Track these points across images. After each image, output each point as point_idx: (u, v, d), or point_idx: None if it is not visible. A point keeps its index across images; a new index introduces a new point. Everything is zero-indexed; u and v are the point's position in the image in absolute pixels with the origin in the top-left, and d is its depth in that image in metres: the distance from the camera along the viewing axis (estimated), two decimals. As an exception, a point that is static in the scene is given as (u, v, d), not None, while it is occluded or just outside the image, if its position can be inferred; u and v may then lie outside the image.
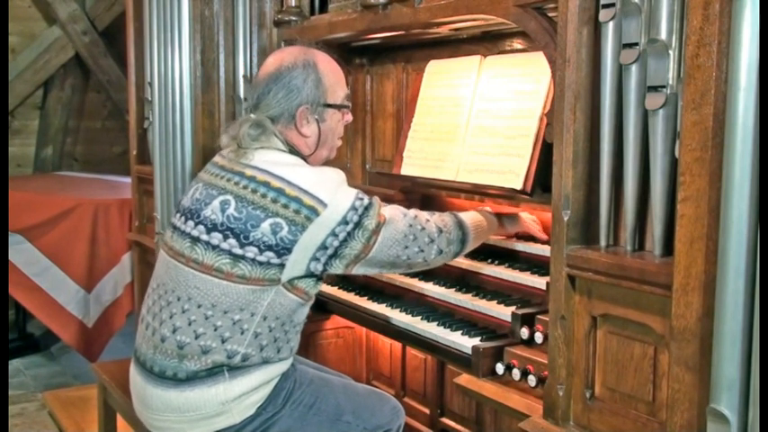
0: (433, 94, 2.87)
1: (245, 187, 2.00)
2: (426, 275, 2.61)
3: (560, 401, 1.82)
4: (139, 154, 4.02)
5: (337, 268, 2.01)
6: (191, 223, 2.04)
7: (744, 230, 1.33)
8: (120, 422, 2.79)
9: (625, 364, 1.72)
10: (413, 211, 2.11)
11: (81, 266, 4.31)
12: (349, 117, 2.26)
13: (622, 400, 1.73)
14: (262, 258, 1.94)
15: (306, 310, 2.11)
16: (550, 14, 2.01)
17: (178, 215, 2.11)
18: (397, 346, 3.10)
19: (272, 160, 2.04)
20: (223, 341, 1.97)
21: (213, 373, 1.98)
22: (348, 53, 3.31)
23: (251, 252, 1.94)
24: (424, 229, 2.08)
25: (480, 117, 2.63)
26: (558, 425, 1.83)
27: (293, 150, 2.11)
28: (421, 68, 2.97)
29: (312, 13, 3.04)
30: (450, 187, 2.82)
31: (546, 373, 1.89)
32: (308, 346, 3.23)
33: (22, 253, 4.32)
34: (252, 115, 2.10)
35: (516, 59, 2.58)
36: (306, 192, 1.95)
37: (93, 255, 4.34)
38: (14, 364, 4.81)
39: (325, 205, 1.94)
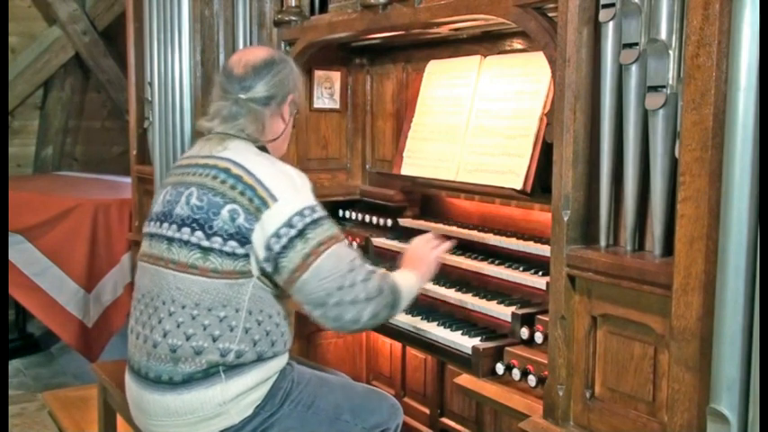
0: (433, 94, 2.87)
1: (206, 175, 2.02)
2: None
3: (560, 401, 1.82)
4: (139, 154, 4.02)
5: (279, 282, 1.98)
6: (165, 225, 2.05)
7: (744, 230, 1.33)
8: (120, 422, 2.79)
9: (625, 364, 1.72)
10: (361, 262, 2.00)
11: (81, 266, 4.31)
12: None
13: (622, 400, 1.73)
14: (227, 249, 1.95)
15: (290, 302, 2.09)
16: (550, 14, 2.01)
17: (151, 222, 2.12)
18: (397, 346, 3.10)
19: (236, 149, 2.06)
20: (214, 340, 1.97)
21: (209, 374, 1.98)
22: (348, 53, 3.32)
23: (216, 243, 1.95)
24: (365, 280, 1.95)
25: (480, 117, 2.64)
26: (558, 425, 1.83)
27: (257, 141, 2.12)
28: (421, 68, 2.97)
29: (312, 13, 3.05)
30: (451, 187, 2.82)
31: (546, 373, 1.89)
32: (308, 346, 3.24)
33: (22, 253, 4.31)
34: (242, 96, 2.10)
35: (516, 59, 2.58)
36: (261, 182, 1.96)
37: (93, 255, 4.34)
38: (14, 364, 4.81)
39: (275, 200, 1.94)
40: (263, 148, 2.12)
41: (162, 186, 2.17)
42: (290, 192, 1.97)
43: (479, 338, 2.20)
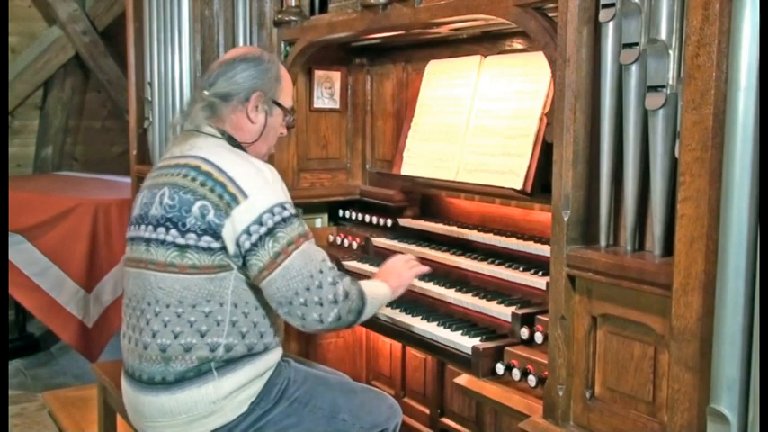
0: (433, 94, 2.87)
1: (177, 174, 2.02)
2: (426, 275, 2.60)
3: (560, 401, 1.82)
4: (139, 154, 4.02)
5: (248, 277, 1.98)
6: (142, 227, 2.06)
7: (744, 230, 1.33)
8: (120, 422, 2.79)
9: (625, 364, 1.72)
10: (331, 264, 2.01)
11: (81, 266, 4.31)
12: (284, 130, 2.26)
13: (622, 400, 1.73)
14: (203, 244, 1.95)
15: None
16: (550, 14, 2.00)
17: (131, 227, 2.13)
18: (397, 346, 3.10)
19: (207, 146, 2.05)
20: (202, 335, 1.97)
21: (201, 372, 1.98)
22: (348, 53, 3.32)
23: (191, 239, 1.95)
24: (333, 284, 1.96)
25: (480, 117, 2.64)
26: (558, 425, 1.83)
27: (231, 139, 2.11)
28: (421, 68, 2.97)
29: (312, 13, 3.05)
30: (450, 187, 2.82)
31: (546, 373, 1.89)
32: (308, 345, 3.24)
33: (22, 253, 4.31)
34: (205, 92, 2.12)
35: (516, 59, 2.58)
36: (231, 179, 1.95)
37: (93, 255, 4.34)
38: (14, 364, 4.81)
39: (245, 196, 1.93)
40: (240, 148, 2.11)
41: (140, 190, 2.17)
42: (261, 188, 1.96)
43: (479, 338, 2.20)
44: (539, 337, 2.07)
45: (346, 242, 3.17)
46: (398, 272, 2.29)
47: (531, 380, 1.99)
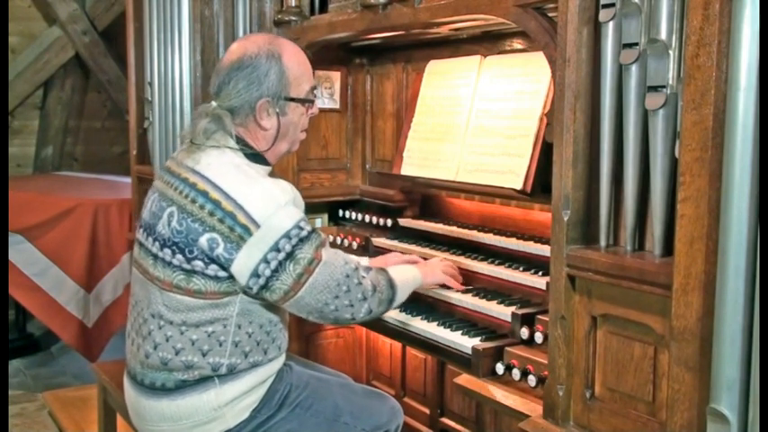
0: (433, 94, 2.87)
1: (186, 196, 1.94)
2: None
3: (560, 401, 1.82)
4: (139, 154, 4.02)
5: (269, 300, 1.95)
6: (150, 239, 2.00)
7: (744, 230, 1.33)
8: (120, 422, 2.79)
9: (625, 364, 1.72)
10: (353, 262, 2.01)
11: (81, 266, 4.31)
12: (315, 110, 2.17)
13: (622, 400, 1.73)
14: (209, 272, 1.90)
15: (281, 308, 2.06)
16: (550, 14, 2.01)
17: (141, 229, 2.07)
18: (397, 346, 3.10)
19: (216, 164, 1.96)
20: (204, 355, 1.95)
21: (203, 380, 1.97)
22: (348, 53, 3.32)
23: (198, 266, 1.90)
24: (359, 284, 1.97)
25: (480, 117, 2.64)
26: (558, 425, 1.83)
27: (246, 147, 2.03)
28: (421, 68, 2.97)
29: (312, 13, 3.05)
30: (450, 187, 2.82)
31: (546, 373, 1.89)
32: (308, 346, 3.24)
33: (22, 253, 4.32)
34: (213, 103, 2.03)
35: (516, 59, 2.58)
36: (241, 208, 1.87)
37: (93, 255, 4.34)
38: (14, 364, 4.81)
39: (258, 226, 1.86)
40: (255, 156, 2.04)
41: (152, 189, 2.11)
42: (274, 214, 1.88)
43: (479, 338, 2.20)
44: (539, 337, 2.07)
45: (346, 242, 3.17)
46: (432, 264, 2.37)
47: (531, 380, 1.99)
